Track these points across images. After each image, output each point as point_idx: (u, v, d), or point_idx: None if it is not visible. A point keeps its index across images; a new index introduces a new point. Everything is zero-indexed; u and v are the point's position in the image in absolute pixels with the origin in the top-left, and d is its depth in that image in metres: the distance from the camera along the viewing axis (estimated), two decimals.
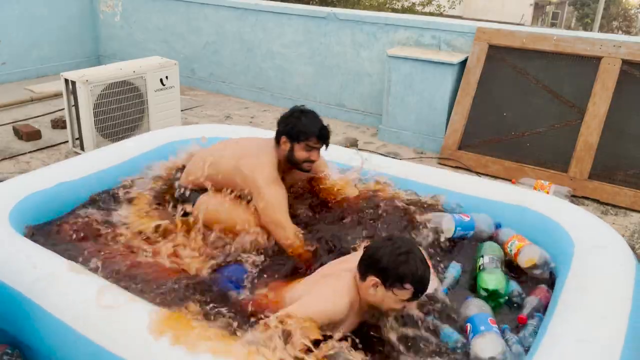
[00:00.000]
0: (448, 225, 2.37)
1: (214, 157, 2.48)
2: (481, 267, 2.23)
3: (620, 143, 3.89)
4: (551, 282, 2.17)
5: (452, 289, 2.16)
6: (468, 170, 4.24)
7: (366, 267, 1.78)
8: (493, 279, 2.12)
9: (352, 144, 4.54)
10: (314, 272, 2.07)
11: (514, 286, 2.18)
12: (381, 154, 4.43)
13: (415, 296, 1.75)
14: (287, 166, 2.44)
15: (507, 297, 2.12)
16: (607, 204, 3.80)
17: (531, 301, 2.08)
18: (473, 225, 2.41)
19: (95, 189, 2.64)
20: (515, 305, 2.12)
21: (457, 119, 4.40)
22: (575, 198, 3.75)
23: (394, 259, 1.73)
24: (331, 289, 1.82)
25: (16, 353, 1.86)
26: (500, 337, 1.86)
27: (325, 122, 2.41)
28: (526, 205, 2.50)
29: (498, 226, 2.48)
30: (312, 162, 2.41)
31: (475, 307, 1.98)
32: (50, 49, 6.53)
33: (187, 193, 2.49)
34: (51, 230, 2.36)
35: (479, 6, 22.11)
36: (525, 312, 2.04)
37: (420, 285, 1.73)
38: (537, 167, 4.06)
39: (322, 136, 2.35)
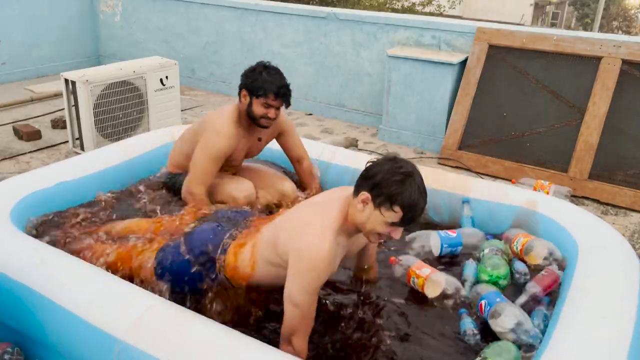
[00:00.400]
0: (434, 243, 2.32)
1: (185, 134, 2.65)
2: (481, 258, 2.24)
3: (620, 143, 3.89)
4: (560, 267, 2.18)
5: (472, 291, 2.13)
6: (468, 170, 4.24)
7: (361, 181, 1.70)
8: (490, 264, 2.14)
9: (352, 144, 4.54)
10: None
11: (520, 266, 2.19)
12: (381, 154, 4.44)
13: (402, 222, 1.66)
14: (248, 121, 2.48)
15: (508, 281, 2.13)
16: (607, 204, 3.80)
17: (531, 289, 2.06)
18: (460, 242, 2.34)
19: (95, 189, 2.65)
20: (521, 283, 2.16)
21: (457, 119, 4.40)
22: (575, 198, 3.75)
23: (389, 177, 1.64)
24: (312, 240, 1.68)
25: (17, 351, 1.86)
26: (515, 306, 1.87)
27: (287, 81, 2.45)
28: (527, 206, 2.50)
29: (489, 238, 2.44)
30: (270, 119, 2.44)
31: (486, 288, 2.01)
32: (50, 49, 6.53)
33: (175, 176, 2.63)
34: (52, 227, 2.37)
35: (479, 6, 22.11)
36: (522, 300, 2.03)
37: (410, 210, 1.63)
38: (537, 167, 4.06)
39: (281, 94, 2.39)
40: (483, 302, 1.91)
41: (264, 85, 2.39)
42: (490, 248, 2.25)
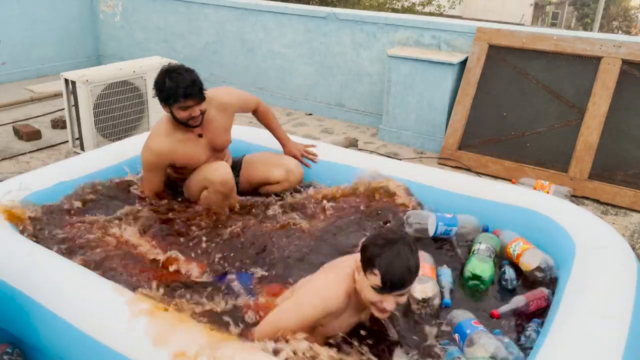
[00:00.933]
0: (430, 220, 2.32)
1: None
2: (475, 252, 2.24)
3: (620, 143, 3.89)
4: (553, 289, 2.15)
5: (453, 297, 2.12)
6: (468, 170, 4.24)
7: (360, 255, 1.74)
8: (481, 266, 2.15)
9: (352, 144, 4.54)
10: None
11: (511, 273, 2.21)
12: (381, 154, 4.44)
13: (383, 287, 1.63)
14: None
15: (487, 287, 2.14)
16: (607, 204, 3.80)
17: (517, 301, 2.04)
18: (455, 223, 2.34)
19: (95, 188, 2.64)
20: (506, 288, 2.18)
21: (457, 119, 4.40)
22: (575, 198, 3.75)
23: (373, 241, 1.68)
24: (326, 279, 1.79)
25: (16, 352, 1.86)
26: (487, 332, 1.84)
27: (194, 75, 2.44)
28: (526, 205, 2.49)
29: (486, 229, 2.45)
30: (195, 118, 2.47)
31: (458, 315, 1.96)
32: (50, 49, 6.53)
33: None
34: (51, 227, 2.35)
35: (479, 6, 22.12)
36: (505, 309, 2.03)
37: (387, 273, 1.62)
38: (537, 167, 4.06)
39: (188, 94, 2.39)
40: (457, 336, 1.89)
41: (170, 92, 2.40)
42: (487, 246, 2.25)
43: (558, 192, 2.99)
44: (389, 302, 1.68)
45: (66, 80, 4.00)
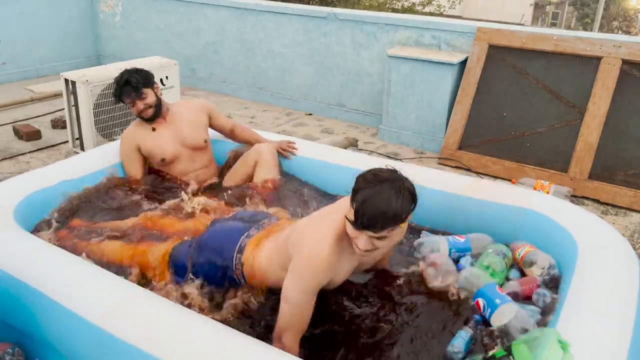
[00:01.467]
0: (442, 248, 2.25)
1: None
2: (482, 256, 2.23)
3: (620, 143, 3.89)
4: (553, 285, 2.16)
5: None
6: (468, 170, 4.24)
7: None
8: (488, 260, 2.14)
9: (352, 144, 4.54)
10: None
11: (514, 275, 2.21)
12: (381, 154, 4.44)
13: (355, 221, 1.59)
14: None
15: (501, 279, 2.12)
16: (607, 204, 3.80)
17: (510, 286, 2.08)
18: (469, 247, 2.27)
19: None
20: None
21: (457, 119, 4.40)
22: (575, 198, 3.76)
23: (364, 176, 1.63)
24: (310, 241, 1.72)
25: (18, 351, 1.86)
26: (518, 306, 1.84)
27: (132, 76, 2.73)
28: (527, 206, 2.49)
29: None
30: (142, 110, 2.77)
31: (478, 277, 1.98)
32: (50, 49, 6.53)
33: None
34: (56, 225, 2.38)
35: (479, 6, 22.12)
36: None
37: (361, 210, 1.56)
38: (537, 167, 4.06)
39: (124, 92, 2.75)
40: (480, 301, 1.88)
41: (115, 92, 2.78)
42: (494, 249, 2.24)
43: (558, 192, 3.00)
44: (362, 240, 1.62)
45: (66, 80, 4.00)
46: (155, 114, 2.81)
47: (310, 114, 5.58)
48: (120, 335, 1.61)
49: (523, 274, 2.24)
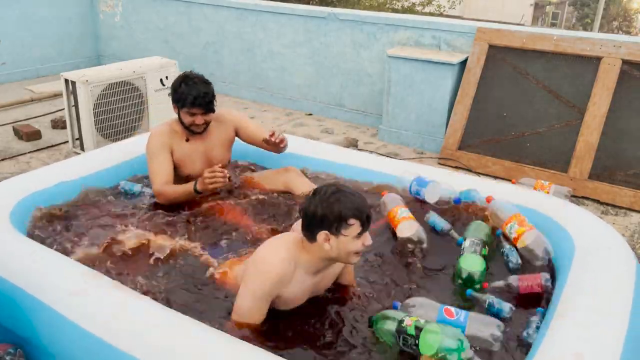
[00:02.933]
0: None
1: None
2: (461, 252, 2.22)
3: (620, 143, 3.89)
4: (550, 272, 2.16)
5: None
6: (468, 170, 4.24)
7: (309, 228, 1.78)
8: (468, 264, 2.12)
9: (352, 144, 4.54)
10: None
11: (512, 254, 2.22)
12: (381, 154, 4.44)
13: (364, 226, 1.76)
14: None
15: (481, 282, 2.10)
16: (607, 204, 3.80)
17: (509, 279, 2.09)
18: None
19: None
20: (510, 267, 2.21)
21: (457, 119, 4.40)
22: (575, 198, 3.75)
23: (327, 205, 1.73)
24: (263, 252, 1.85)
25: (19, 352, 1.85)
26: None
27: (208, 88, 2.58)
28: (527, 206, 2.49)
29: (457, 202, 2.51)
30: (198, 125, 2.61)
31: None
32: (50, 49, 6.53)
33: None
34: (52, 227, 2.36)
35: (479, 6, 22.12)
36: (495, 284, 2.08)
37: (362, 213, 1.74)
38: (537, 167, 4.06)
39: (197, 104, 2.55)
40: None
41: (182, 96, 2.56)
42: (471, 240, 2.23)
43: (558, 192, 2.98)
44: (367, 237, 1.80)
45: (66, 80, 4.00)
46: (203, 130, 2.68)
47: (310, 114, 5.58)
48: (118, 344, 1.61)
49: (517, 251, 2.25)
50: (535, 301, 2.03)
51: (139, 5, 6.51)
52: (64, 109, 4.19)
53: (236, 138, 2.84)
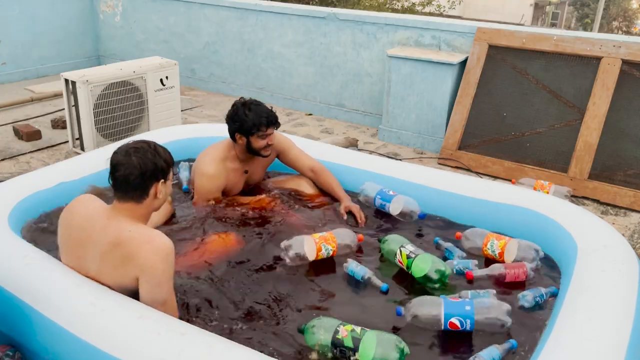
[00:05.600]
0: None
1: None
2: (411, 256, 2.13)
3: (620, 143, 3.89)
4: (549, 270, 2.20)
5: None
6: (468, 170, 4.24)
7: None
8: (419, 267, 2.10)
9: (352, 144, 4.54)
10: None
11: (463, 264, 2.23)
12: (381, 154, 4.44)
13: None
14: (248, 155, 2.70)
15: (447, 277, 2.08)
16: (607, 204, 3.80)
17: (494, 268, 2.15)
18: (390, 198, 2.60)
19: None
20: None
21: (457, 119, 4.40)
22: (575, 198, 3.75)
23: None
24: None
25: (17, 354, 1.85)
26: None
27: (268, 105, 2.67)
28: (527, 206, 2.49)
29: (422, 217, 2.53)
30: (270, 146, 2.67)
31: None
32: (50, 49, 6.53)
33: None
34: (49, 231, 2.36)
35: (479, 6, 22.11)
36: (480, 273, 2.14)
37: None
38: (537, 167, 4.06)
39: (271, 123, 2.61)
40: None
41: (254, 122, 2.57)
42: (408, 244, 2.22)
43: (558, 192, 2.99)
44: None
45: (66, 80, 4.00)
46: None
47: (310, 114, 5.58)
48: (109, 350, 1.60)
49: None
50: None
51: (139, 5, 6.51)
52: (64, 109, 4.19)
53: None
